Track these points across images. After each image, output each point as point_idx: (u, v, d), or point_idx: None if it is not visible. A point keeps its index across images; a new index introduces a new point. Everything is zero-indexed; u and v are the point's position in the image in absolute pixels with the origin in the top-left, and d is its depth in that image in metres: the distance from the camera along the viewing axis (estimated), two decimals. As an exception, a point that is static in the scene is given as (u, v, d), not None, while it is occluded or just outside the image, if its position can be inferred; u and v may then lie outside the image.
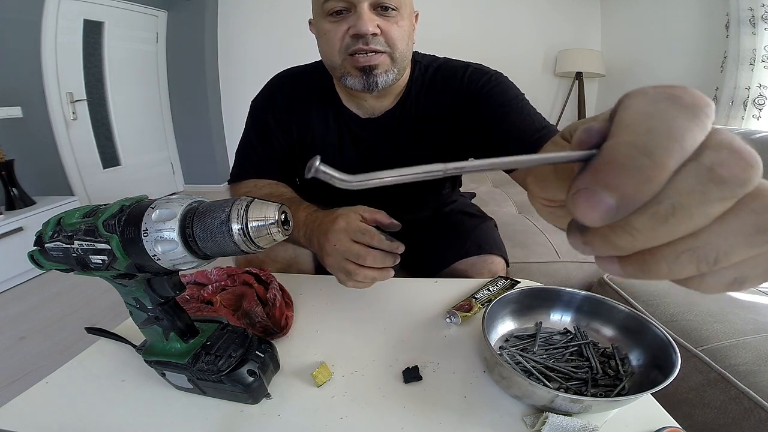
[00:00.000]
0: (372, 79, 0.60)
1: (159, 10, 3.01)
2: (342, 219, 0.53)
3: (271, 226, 0.30)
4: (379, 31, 0.58)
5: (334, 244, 0.51)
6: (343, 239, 0.51)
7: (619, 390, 0.41)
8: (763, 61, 1.69)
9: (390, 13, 0.58)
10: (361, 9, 0.56)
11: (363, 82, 0.61)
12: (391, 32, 0.59)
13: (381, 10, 0.58)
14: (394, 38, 0.59)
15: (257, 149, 0.76)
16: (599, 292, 0.87)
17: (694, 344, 0.70)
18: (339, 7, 0.57)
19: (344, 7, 0.57)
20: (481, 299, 0.56)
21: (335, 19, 0.59)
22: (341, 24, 0.58)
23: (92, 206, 0.36)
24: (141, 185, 3.08)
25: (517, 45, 2.89)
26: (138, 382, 0.45)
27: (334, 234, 0.52)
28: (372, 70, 0.60)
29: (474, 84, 0.67)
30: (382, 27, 0.58)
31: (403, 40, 0.61)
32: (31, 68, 2.26)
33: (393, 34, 0.59)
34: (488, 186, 1.89)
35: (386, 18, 0.58)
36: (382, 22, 0.58)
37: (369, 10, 0.57)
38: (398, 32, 0.59)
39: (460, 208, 0.88)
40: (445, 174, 0.14)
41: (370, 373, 0.46)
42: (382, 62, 0.60)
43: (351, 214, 0.53)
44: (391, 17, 0.59)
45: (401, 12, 0.59)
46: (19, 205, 1.91)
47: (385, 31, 0.58)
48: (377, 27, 0.57)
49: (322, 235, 0.54)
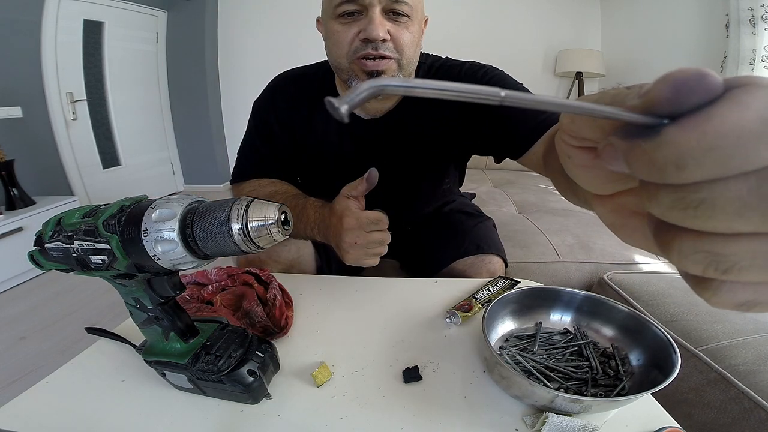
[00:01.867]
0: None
1: (159, 10, 3.01)
2: (349, 217, 0.54)
3: (271, 226, 0.30)
4: (389, 36, 0.58)
5: (355, 242, 0.54)
6: (359, 235, 0.54)
7: (619, 390, 0.41)
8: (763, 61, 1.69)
9: (401, 19, 0.58)
10: (373, 13, 0.56)
11: None
12: (401, 38, 0.58)
13: (393, 15, 0.58)
14: (403, 45, 0.59)
15: (259, 149, 0.76)
16: (599, 292, 0.87)
17: (694, 344, 0.70)
18: (351, 9, 0.57)
19: (356, 9, 0.57)
20: (481, 299, 0.56)
21: (346, 21, 0.58)
22: (351, 26, 0.58)
23: (92, 206, 0.36)
24: (141, 185, 3.08)
25: (517, 45, 2.89)
26: (138, 382, 0.45)
27: (348, 234, 0.54)
28: (379, 75, 0.60)
29: (472, 77, 0.67)
30: (393, 33, 0.58)
31: (412, 46, 0.60)
32: (31, 68, 2.26)
33: (403, 41, 0.59)
34: (488, 186, 1.89)
35: (397, 24, 0.58)
36: (393, 27, 0.58)
37: (381, 14, 0.57)
38: (408, 38, 0.59)
39: (459, 208, 0.88)
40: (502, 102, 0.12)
41: (370, 373, 0.46)
42: (389, 68, 0.60)
43: (351, 207, 0.55)
44: (402, 23, 0.58)
45: (413, 18, 0.59)
46: (19, 205, 1.91)
47: (395, 36, 0.58)
48: (387, 32, 0.57)
49: (336, 236, 0.56)
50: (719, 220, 0.11)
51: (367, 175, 0.55)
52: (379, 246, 0.55)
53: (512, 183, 1.91)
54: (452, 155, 0.76)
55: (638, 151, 0.12)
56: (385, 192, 0.63)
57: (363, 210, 0.55)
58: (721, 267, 0.12)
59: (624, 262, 1.06)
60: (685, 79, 0.11)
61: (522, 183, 1.89)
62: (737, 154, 0.10)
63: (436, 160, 0.76)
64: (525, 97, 0.12)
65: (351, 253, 0.55)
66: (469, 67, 0.69)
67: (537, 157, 0.59)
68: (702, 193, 0.11)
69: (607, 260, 1.07)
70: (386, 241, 0.56)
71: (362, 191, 0.55)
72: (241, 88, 3.28)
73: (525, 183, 1.88)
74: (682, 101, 0.11)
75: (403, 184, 0.76)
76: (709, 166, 0.11)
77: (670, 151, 0.11)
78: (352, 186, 0.56)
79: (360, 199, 0.56)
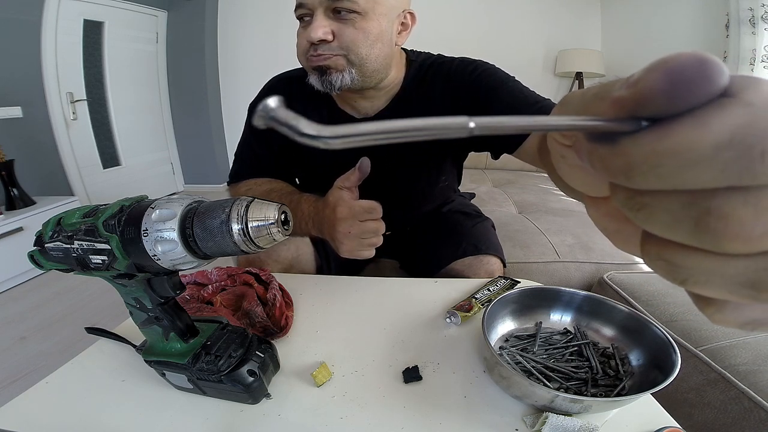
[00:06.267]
0: (326, 78, 0.61)
1: (159, 10, 3.01)
2: (342, 207, 0.55)
3: (271, 226, 0.30)
4: (331, 36, 0.58)
5: (348, 231, 0.54)
6: (353, 224, 0.54)
7: (619, 390, 0.41)
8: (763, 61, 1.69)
9: (347, 17, 0.58)
10: (316, 15, 0.57)
11: (320, 82, 0.62)
12: (345, 35, 0.58)
13: (337, 14, 0.58)
14: (347, 41, 0.59)
15: (255, 150, 0.76)
16: (599, 292, 0.87)
17: (694, 344, 0.70)
18: (302, 14, 0.59)
19: (306, 13, 0.59)
20: (481, 299, 0.56)
21: (303, 25, 0.61)
22: (306, 30, 0.60)
23: (92, 206, 0.36)
24: (141, 185, 3.08)
25: (517, 45, 2.89)
26: (138, 382, 0.45)
27: (342, 223, 0.54)
28: (326, 70, 0.61)
29: (462, 73, 0.67)
30: (336, 31, 0.58)
31: (363, 42, 0.59)
32: (31, 68, 2.26)
33: (346, 38, 0.58)
34: (488, 186, 1.89)
35: (342, 22, 0.58)
36: (337, 26, 0.58)
37: (323, 15, 0.57)
38: (354, 35, 0.58)
39: (458, 208, 0.88)
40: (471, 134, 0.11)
41: (370, 373, 0.46)
42: (334, 63, 0.60)
43: (344, 197, 0.55)
44: (348, 20, 0.58)
45: (366, 14, 0.58)
46: (19, 205, 1.91)
47: (338, 35, 0.58)
48: (331, 32, 0.58)
49: (330, 227, 0.56)
50: (655, 227, 0.12)
51: (359, 164, 0.55)
52: (374, 236, 0.55)
53: (512, 183, 1.90)
54: (447, 153, 0.76)
55: (596, 155, 0.12)
56: (381, 191, 0.63)
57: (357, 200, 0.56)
58: (678, 277, 0.12)
59: (624, 262, 1.06)
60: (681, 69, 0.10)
61: (522, 183, 1.89)
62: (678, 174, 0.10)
63: (431, 158, 0.76)
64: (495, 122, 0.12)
65: (345, 244, 0.55)
66: (459, 63, 0.69)
67: (532, 150, 0.60)
68: (645, 198, 0.12)
69: (607, 260, 1.07)
70: (380, 231, 0.56)
71: (355, 181, 0.56)
72: (241, 88, 3.28)
73: (525, 183, 1.88)
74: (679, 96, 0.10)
75: (398, 182, 0.76)
76: (652, 181, 0.11)
77: (621, 161, 0.12)
78: (345, 177, 0.56)
79: (353, 190, 0.56)
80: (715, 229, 0.10)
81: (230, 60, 3.27)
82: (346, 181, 0.56)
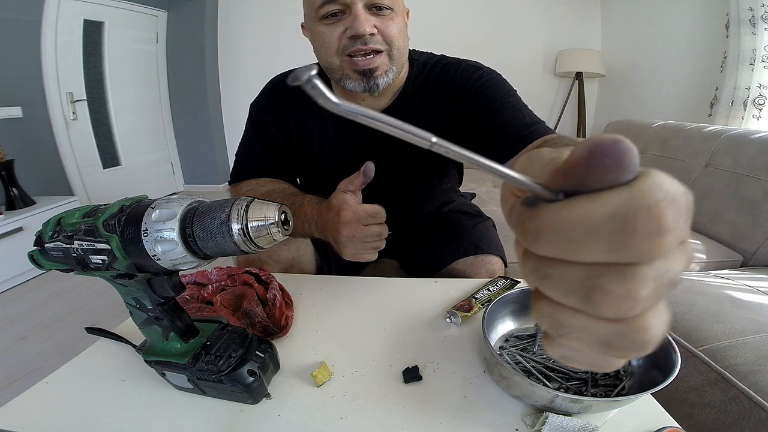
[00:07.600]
0: (372, 82, 0.61)
1: (159, 10, 3.01)
2: (346, 210, 0.54)
3: (271, 226, 0.30)
4: (376, 30, 0.58)
5: (352, 235, 0.54)
6: (357, 228, 0.54)
7: (619, 390, 0.41)
8: (763, 61, 1.69)
9: (384, 12, 0.59)
10: (357, 10, 0.57)
11: (364, 85, 0.61)
12: (388, 30, 0.59)
13: (375, 10, 0.59)
14: (391, 35, 0.60)
15: (257, 151, 0.76)
16: (599, 292, 0.87)
17: (694, 344, 0.70)
18: (334, 10, 0.58)
19: (339, 9, 0.58)
20: (481, 299, 0.56)
21: (330, 22, 0.59)
22: (337, 26, 0.59)
23: (92, 206, 0.36)
24: (141, 185, 3.08)
25: (517, 45, 2.89)
26: (138, 382, 0.45)
27: (345, 227, 0.54)
28: (372, 72, 0.60)
29: (467, 80, 0.67)
30: (378, 26, 0.59)
31: (400, 36, 0.62)
32: (31, 68, 2.26)
33: (390, 32, 0.60)
34: (488, 186, 1.89)
35: (381, 17, 0.59)
36: (378, 21, 0.59)
37: (364, 10, 0.58)
38: (395, 29, 0.60)
39: (459, 208, 0.88)
40: (431, 147, 0.14)
41: (370, 373, 0.46)
42: (381, 63, 0.60)
43: (348, 201, 0.55)
44: (386, 15, 0.60)
45: (395, 10, 0.60)
46: (19, 205, 1.91)
47: (381, 29, 0.59)
48: (374, 27, 0.58)
49: (333, 230, 0.56)
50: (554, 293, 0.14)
51: (363, 168, 0.55)
52: (377, 240, 0.55)
53: (512, 183, 1.90)
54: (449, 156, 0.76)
55: (518, 214, 0.14)
56: (384, 191, 0.63)
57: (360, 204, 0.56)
58: (560, 331, 0.14)
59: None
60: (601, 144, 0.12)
61: (522, 183, 1.88)
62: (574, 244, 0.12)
63: (434, 162, 0.76)
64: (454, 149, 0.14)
65: (349, 247, 0.55)
66: (465, 68, 0.69)
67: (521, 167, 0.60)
68: (549, 269, 0.13)
69: (607, 260, 1.07)
70: (384, 235, 0.56)
71: (359, 185, 0.56)
72: (241, 88, 3.28)
73: (525, 183, 1.88)
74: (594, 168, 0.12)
75: (401, 185, 0.76)
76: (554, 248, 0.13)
77: (532, 224, 0.13)
78: (348, 180, 0.56)
79: (357, 194, 0.56)
80: (599, 301, 0.12)
81: (230, 60, 3.27)
82: (350, 184, 0.56)
